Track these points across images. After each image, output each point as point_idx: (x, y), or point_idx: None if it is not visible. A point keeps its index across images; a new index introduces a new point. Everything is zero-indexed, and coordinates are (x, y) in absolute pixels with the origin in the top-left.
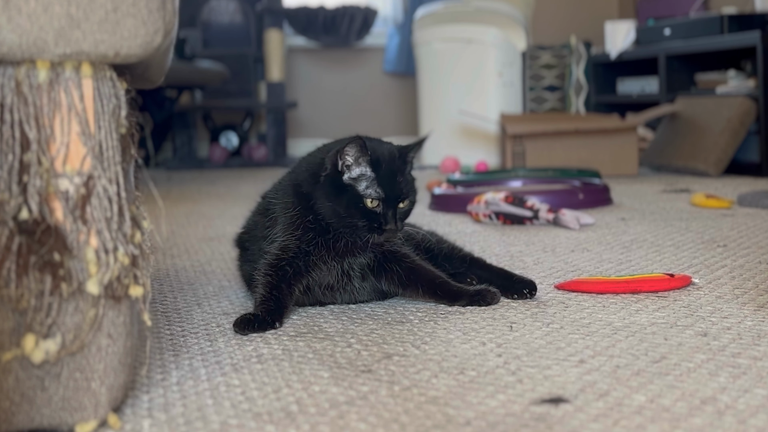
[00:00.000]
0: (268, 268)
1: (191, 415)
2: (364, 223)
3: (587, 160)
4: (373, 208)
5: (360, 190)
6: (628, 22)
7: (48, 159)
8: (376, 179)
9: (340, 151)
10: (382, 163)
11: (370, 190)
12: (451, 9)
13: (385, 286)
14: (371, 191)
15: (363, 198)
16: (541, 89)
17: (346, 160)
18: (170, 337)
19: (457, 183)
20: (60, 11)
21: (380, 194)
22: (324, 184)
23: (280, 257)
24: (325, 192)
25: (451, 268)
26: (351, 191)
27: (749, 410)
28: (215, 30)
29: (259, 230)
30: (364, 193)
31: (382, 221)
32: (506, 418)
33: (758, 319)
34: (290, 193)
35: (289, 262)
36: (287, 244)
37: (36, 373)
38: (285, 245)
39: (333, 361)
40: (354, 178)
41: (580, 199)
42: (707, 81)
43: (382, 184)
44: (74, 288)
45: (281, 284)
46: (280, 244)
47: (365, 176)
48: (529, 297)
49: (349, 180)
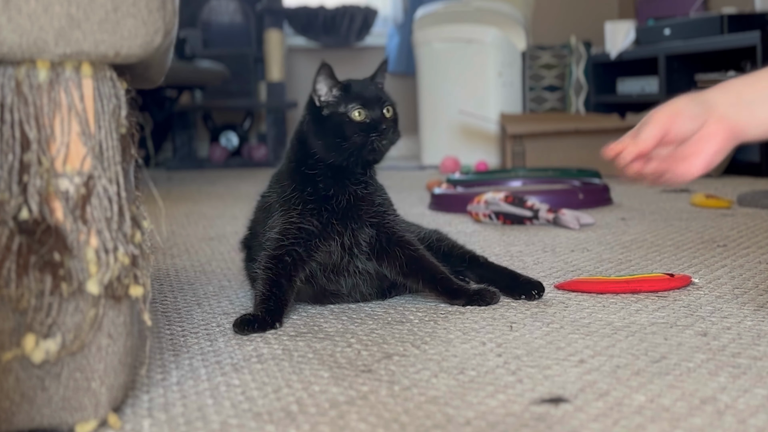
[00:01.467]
0: (267, 260)
1: (191, 414)
2: (360, 137)
3: (587, 160)
4: (361, 119)
5: (342, 109)
6: (628, 22)
7: (48, 159)
8: (351, 96)
9: (313, 88)
10: (351, 84)
11: (350, 105)
12: (451, 9)
13: (387, 270)
14: (351, 104)
15: (348, 114)
16: (541, 89)
17: (320, 93)
18: (170, 337)
19: (457, 183)
20: (60, 11)
21: (360, 103)
22: (310, 127)
23: (280, 244)
24: (314, 133)
25: (452, 266)
26: (335, 117)
27: (749, 410)
28: (215, 30)
29: (260, 226)
30: (346, 110)
31: (376, 125)
32: (506, 418)
33: (758, 319)
34: (285, 174)
35: (289, 251)
36: (286, 227)
37: (36, 373)
38: (284, 228)
39: (333, 360)
40: (333, 104)
41: (580, 199)
42: (707, 81)
43: (360, 96)
44: (74, 288)
45: (281, 279)
46: (280, 227)
47: (342, 98)
48: (537, 298)
49: (330, 110)
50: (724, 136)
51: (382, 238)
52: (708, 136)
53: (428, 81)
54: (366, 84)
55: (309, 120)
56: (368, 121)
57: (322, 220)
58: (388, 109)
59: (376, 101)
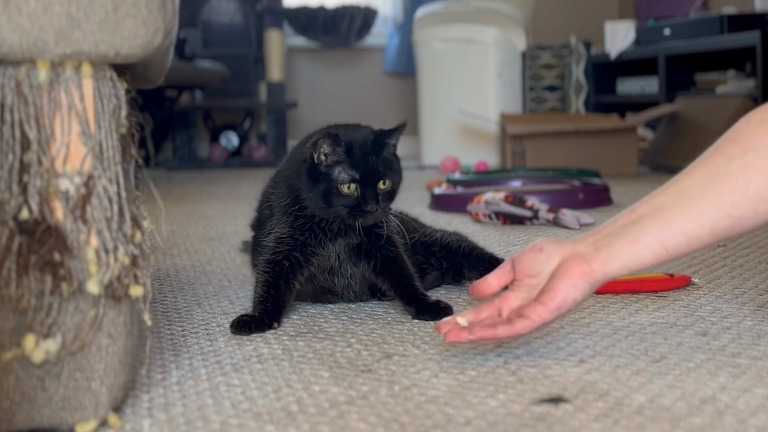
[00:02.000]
0: (266, 265)
1: (191, 414)
2: (345, 210)
3: (587, 160)
4: (350, 192)
5: (334, 177)
6: (627, 22)
7: (48, 159)
8: (349, 164)
9: (315, 144)
10: (355, 148)
11: (343, 175)
12: (451, 9)
13: (364, 269)
14: (344, 175)
15: (338, 184)
16: (541, 89)
17: (321, 150)
18: (170, 336)
19: (457, 183)
20: (60, 11)
21: (354, 176)
22: (305, 175)
23: (276, 251)
24: (306, 183)
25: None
26: (328, 179)
27: (749, 410)
28: (215, 30)
29: (263, 219)
30: (338, 178)
31: (361, 203)
32: (506, 418)
33: (758, 319)
34: (282, 184)
35: (286, 256)
36: (282, 236)
37: (36, 373)
38: (280, 236)
39: (333, 360)
40: (329, 166)
41: (580, 199)
42: (707, 81)
43: (355, 167)
44: (74, 288)
45: (279, 282)
46: (276, 235)
47: (339, 163)
48: None
49: (325, 169)
50: (581, 270)
51: (366, 242)
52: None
53: (428, 81)
54: (369, 150)
55: (303, 171)
56: (356, 195)
57: (314, 235)
58: (384, 182)
59: (372, 174)
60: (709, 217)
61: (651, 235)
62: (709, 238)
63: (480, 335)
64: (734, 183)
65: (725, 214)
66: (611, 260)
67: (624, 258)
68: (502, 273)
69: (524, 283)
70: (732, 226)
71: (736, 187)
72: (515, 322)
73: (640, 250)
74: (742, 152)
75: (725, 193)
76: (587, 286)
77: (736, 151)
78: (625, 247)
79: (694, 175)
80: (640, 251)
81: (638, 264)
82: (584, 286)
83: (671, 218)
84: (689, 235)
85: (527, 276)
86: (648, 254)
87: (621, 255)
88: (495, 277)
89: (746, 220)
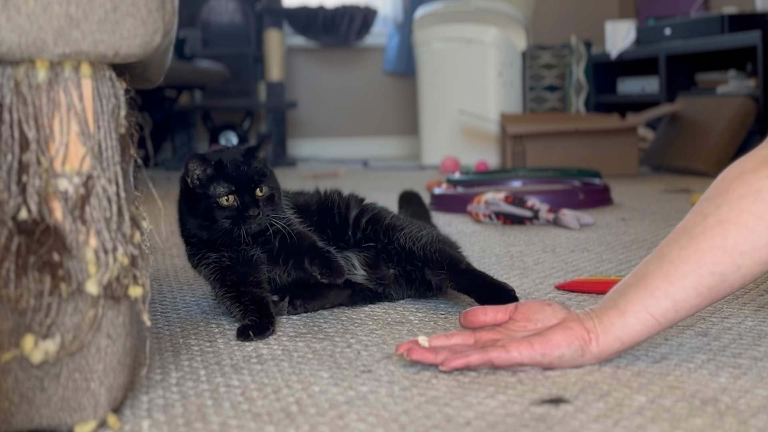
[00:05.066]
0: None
1: (191, 415)
2: (228, 222)
3: (587, 160)
4: (229, 204)
5: (211, 192)
6: (628, 22)
7: (47, 159)
8: (222, 177)
9: (186, 169)
10: (225, 163)
11: (219, 188)
12: (451, 9)
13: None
14: (220, 189)
15: (216, 198)
16: (541, 89)
17: (193, 173)
18: (170, 337)
19: (457, 183)
20: (59, 11)
21: (230, 188)
22: (184, 202)
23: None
24: (187, 208)
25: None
26: (206, 197)
27: (750, 411)
28: (215, 30)
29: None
30: (215, 192)
31: (242, 209)
32: (506, 419)
33: (759, 320)
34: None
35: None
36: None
37: (35, 374)
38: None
39: (333, 361)
40: (204, 185)
41: (581, 199)
42: (708, 81)
43: (229, 179)
44: (73, 288)
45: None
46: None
47: (213, 179)
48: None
49: (201, 189)
50: (581, 334)
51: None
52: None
53: (428, 81)
54: (239, 162)
55: (183, 199)
56: (236, 205)
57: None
58: (261, 188)
59: (247, 182)
60: (691, 278)
61: (636, 305)
62: (696, 300)
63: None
64: (711, 239)
65: (707, 272)
66: (602, 333)
67: (614, 330)
68: (501, 309)
69: (518, 326)
70: (717, 285)
71: (713, 243)
72: (490, 350)
73: (628, 321)
74: (716, 208)
75: (704, 251)
76: (579, 351)
77: (711, 207)
78: (614, 319)
79: (672, 239)
80: (628, 322)
81: (629, 336)
82: (576, 349)
83: (653, 285)
84: (674, 299)
85: (526, 319)
86: (637, 324)
87: (611, 327)
88: (493, 310)
89: (731, 275)
